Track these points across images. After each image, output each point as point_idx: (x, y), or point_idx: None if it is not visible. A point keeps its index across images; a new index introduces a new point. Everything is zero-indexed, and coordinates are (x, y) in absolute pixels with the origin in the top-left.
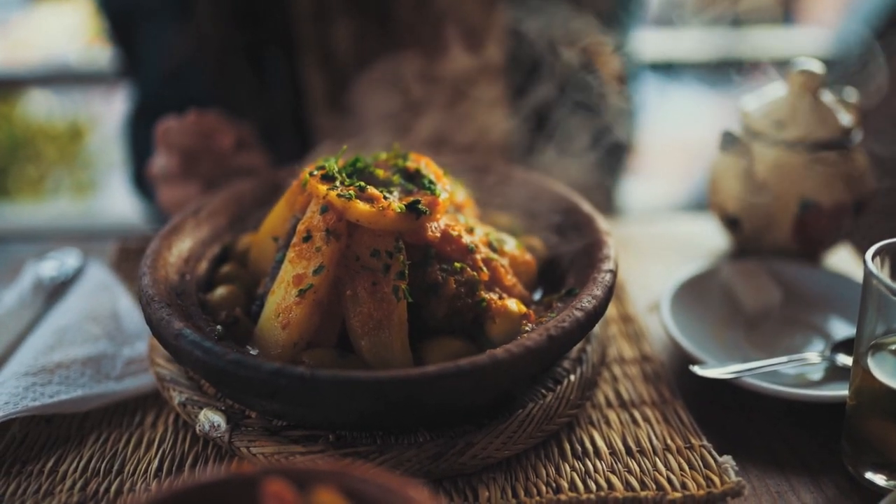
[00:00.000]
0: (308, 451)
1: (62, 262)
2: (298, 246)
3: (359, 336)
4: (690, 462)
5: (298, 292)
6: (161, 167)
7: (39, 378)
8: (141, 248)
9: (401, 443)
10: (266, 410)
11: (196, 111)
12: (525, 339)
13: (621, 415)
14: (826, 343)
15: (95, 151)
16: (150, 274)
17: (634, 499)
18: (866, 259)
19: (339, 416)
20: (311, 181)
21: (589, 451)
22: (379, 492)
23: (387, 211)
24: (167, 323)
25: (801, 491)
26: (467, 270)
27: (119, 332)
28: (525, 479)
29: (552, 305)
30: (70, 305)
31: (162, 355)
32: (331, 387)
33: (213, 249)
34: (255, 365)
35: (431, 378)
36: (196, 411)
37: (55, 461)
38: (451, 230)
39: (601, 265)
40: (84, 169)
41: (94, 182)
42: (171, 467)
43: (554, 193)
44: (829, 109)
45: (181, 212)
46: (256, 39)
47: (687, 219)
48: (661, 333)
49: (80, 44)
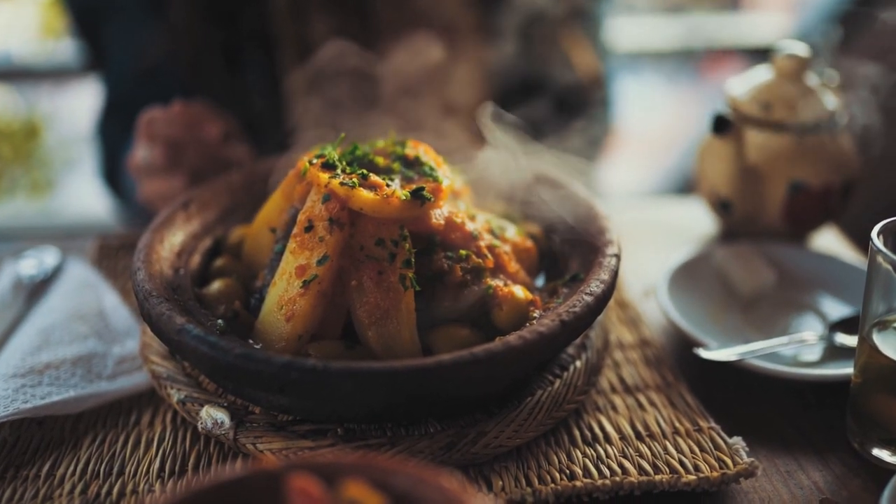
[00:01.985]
0: (317, 445)
1: (41, 261)
2: (300, 236)
3: (366, 327)
4: (701, 444)
5: (302, 283)
6: (144, 159)
7: (29, 379)
8: (122, 245)
9: (411, 434)
10: (273, 405)
11: (181, 101)
12: (538, 325)
13: (627, 399)
14: (821, 322)
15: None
16: (144, 269)
17: (649, 482)
18: (872, 236)
19: (351, 408)
20: (311, 170)
21: (599, 437)
22: (410, 483)
23: (391, 199)
24: (168, 318)
25: (809, 469)
26: (472, 257)
27: (107, 330)
28: (537, 466)
29: (557, 291)
30: (53, 304)
31: (156, 352)
32: (344, 379)
33: (206, 243)
34: (265, 358)
35: (447, 367)
36: (197, 409)
37: (51, 465)
38: (455, 217)
39: (605, 249)
40: (40, 168)
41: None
42: (174, 467)
43: (549, 179)
44: (815, 92)
45: (171, 205)
46: (233, 37)
47: (673, 203)
48: (658, 318)
49: (30, 38)
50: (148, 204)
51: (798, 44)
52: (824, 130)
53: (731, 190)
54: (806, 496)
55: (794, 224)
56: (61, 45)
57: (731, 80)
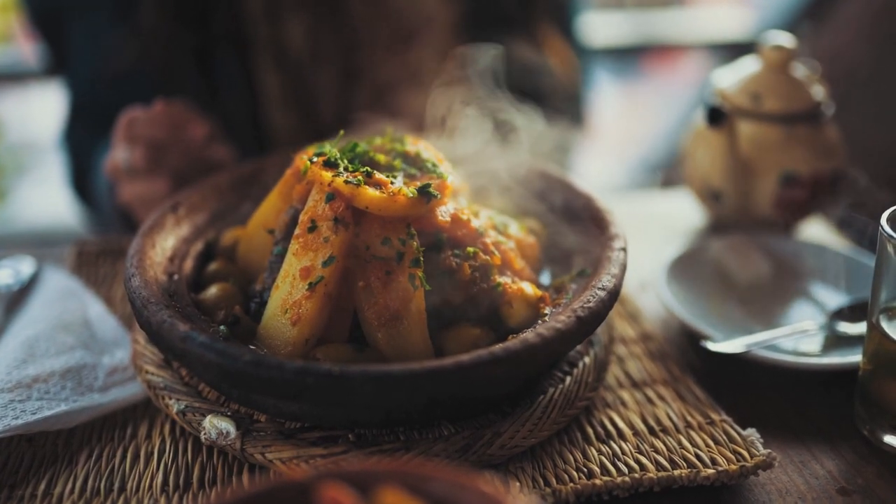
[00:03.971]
0: (329, 452)
1: (17, 270)
2: (303, 237)
3: (375, 329)
4: (715, 438)
5: (308, 286)
6: (124, 161)
7: (17, 394)
8: (101, 252)
9: (425, 437)
10: (281, 412)
11: (163, 100)
12: (554, 322)
13: (635, 394)
14: (818, 311)
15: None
16: (139, 275)
17: (668, 478)
18: (882, 223)
19: (367, 413)
20: (313, 168)
21: (612, 434)
22: (447, 488)
23: (397, 196)
24: (171, 326)
25: (822, 459)
26: (480, 255)
27: (94, 340)
28: (553, 466)
29: (563, 287)
30: (35, 314)
31: (151, 361)
32: (363, 383)
33: (197, 247)
34: (278, 364)
35: (467, 367)
36: (198, 419)
37: (47, 483)
38: (461, 214)
39: (612, 243)
40: None
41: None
42: (178, 481)
43: (545, 174)
44: (802, 83)
45: (158, 208)
46: (206, 39)
47: (658, 195)
48: (656, 312)
49: None
50: (128, 208)
51: (784, 34)
52: (813, 120)
53: (723, 181)
54: (822, 486)
55: (784, 214)
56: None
57: (718, 72)
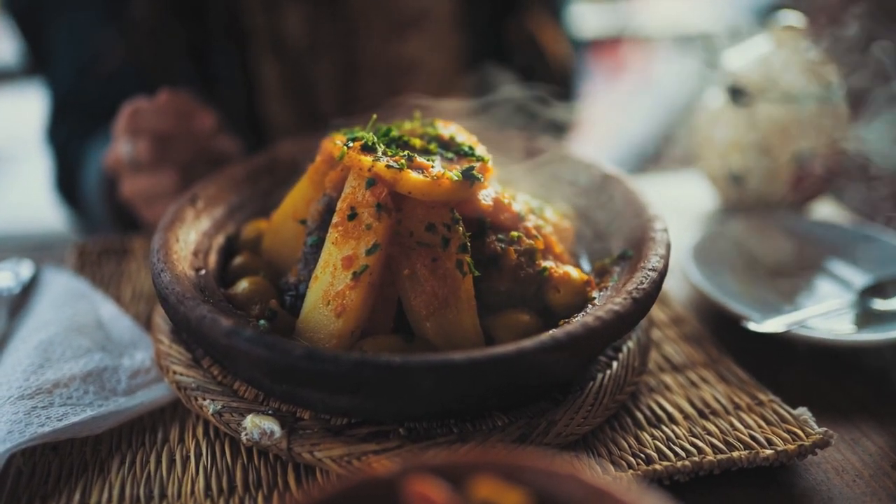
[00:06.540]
0: (382, 448)
1: (16, 273)
2: (342, 225)
3: (423, 318)
4: (766, 418)
5: (352, 275)
6: (127, 154)
7: (38, 401)
8: (102, 251)
9: (479, 428)
10: (329, 408)
11: (168, 90)
12: (611, 304)
13: (678, 378)
14: (843, 288)
15: None
16: (169, 270)
17: (728, 460)
18: None
19: (423, 405)
20: (350, 153)
21: (663, 418)
22: (541, 477)
23: (441, 180)
24: (212, 321)
25: (871, 435)
26: (524, 239)
27: (110, 341)
28: (609, 453)
29: (606, 270)
30: (44, 317)
31: (178, 362)
32: (426, 373)
33: (218, 240)
34: (333, 357)
35: (529, 354)
36: (237, 419)
37: (81, 493)
38: (503, 198)
39: (653, 224)
40: None
41: None
42: (221, 485)
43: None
44: (814, 63)
45: (177, 202)
46: (202, 31)
47: (667, 179)
48: (684, 294)
49: None
50: (128, 204)
51: (794, 14)
52: (826, 100)
53: (744, 162)
54: (876, 462)
55: (799, 194)
56: None
57: (728, 54)
